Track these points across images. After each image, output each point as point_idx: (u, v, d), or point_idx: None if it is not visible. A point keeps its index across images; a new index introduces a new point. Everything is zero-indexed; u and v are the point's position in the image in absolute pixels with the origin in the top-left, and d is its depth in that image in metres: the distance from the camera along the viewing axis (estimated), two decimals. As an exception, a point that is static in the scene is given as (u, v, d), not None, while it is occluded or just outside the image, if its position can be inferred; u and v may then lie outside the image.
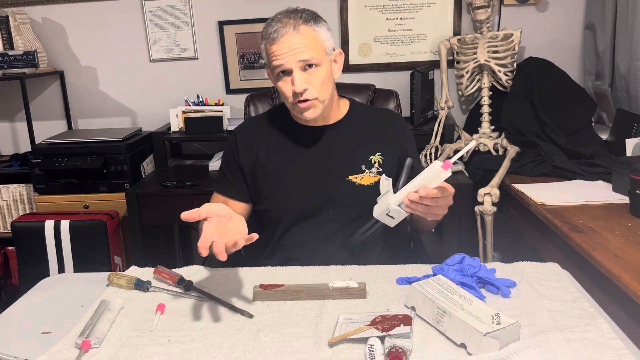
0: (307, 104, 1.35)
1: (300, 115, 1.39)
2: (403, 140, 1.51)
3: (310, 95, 1.34)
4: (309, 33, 1.32)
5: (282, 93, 1.37)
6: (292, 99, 1.35)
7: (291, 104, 1.38)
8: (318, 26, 1.35)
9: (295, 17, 1.32)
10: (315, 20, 1.35)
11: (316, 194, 1.43)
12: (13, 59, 2.56)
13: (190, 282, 1.25)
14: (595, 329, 1.02)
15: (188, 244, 2.99)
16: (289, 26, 1.31)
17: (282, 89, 1.36)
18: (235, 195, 1.49)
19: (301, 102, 1.34)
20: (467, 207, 2.17)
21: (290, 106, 1.39)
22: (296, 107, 1.37)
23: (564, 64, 2.57)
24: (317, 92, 1.35)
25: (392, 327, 0.99)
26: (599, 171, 2.07)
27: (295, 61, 1.31)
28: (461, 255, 1.24)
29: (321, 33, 1.35)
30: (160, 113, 2.81)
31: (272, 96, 2.06)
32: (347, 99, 1.54)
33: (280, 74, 1.34)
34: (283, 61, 1.31)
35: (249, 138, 1.50)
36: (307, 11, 1.36)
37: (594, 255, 1.45)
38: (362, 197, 1.39)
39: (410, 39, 2.72)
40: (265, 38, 1.35)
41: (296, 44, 1.30)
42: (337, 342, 1.00)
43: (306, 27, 1.32)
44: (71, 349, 1.02)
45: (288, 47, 1.31)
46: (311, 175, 1.44)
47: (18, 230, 2.38)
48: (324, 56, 1.35)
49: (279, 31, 1.31)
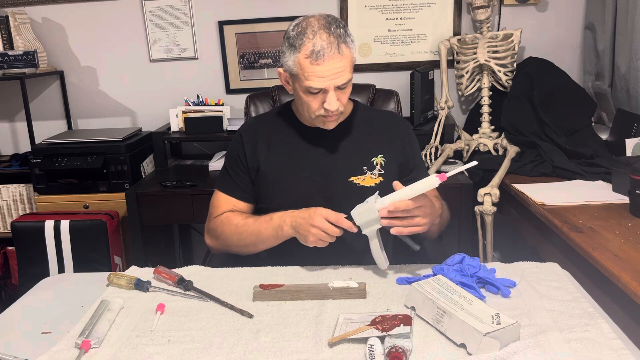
0: (335, 117, 1.37)
1: (321, 125, 1.40)
2: (406, 144, 1.51)
3: (338, 111, 1.35)
4: (348, 55, 1.30)
5: (308, 106, 1.36)
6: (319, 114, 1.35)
7: (314, 117, 1.38)
8: (351, 42, 1.33)
9: (335, 34, 1.28)
10: (348, 35, 1.32)
11: (317, 194, 1.43)
12: (13, 59, 2.56)
13: (190, 282, 1.25)
14: (595, 329, 1.02)
15: (188, 244, 2.98)
16: (332, 47, 1.27)
17: (310, 103, 1.35)
18: (241, 196, 1.50)
19: (329, 116, 1.36)
20: (467, 207, 2.17)
21: (313, 117, 1.38)
22: (319, 119, 1.38)
23: (564, 64, 2.57)
24: (343, 106, 1.37)
25: (392, 327, 0.99)
26: (599, 171, 2.07)
27: (334, 83, 1.30)
28: (461, 255, 1.24)
29: (353, 50, 1.33)
30: (160, 113, 2.81)
31: (273, 96, 2.06)
32: (351, 101, 1.54)
33: (312, 91, 1.32)
34: (325, 84, 1.30)
35: (253, 137, 1.50)
36: (340, 23, 1.32)
37: (594, 255, 1.45)
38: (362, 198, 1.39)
39: (410, 39, 2.72)
40: (300, 49, 1.29)
41: (338, 68, 1.28)
42: (337, 342, 1.00)
43: (345, 47, 1.30)
44: (71, 349, 1.02)
45: (330, 71, 1.28)
46: (313, 175, 1.44)
47: (18, 230, 2.38)
48: (351, 70, 1.35)
49: (324, 52, 1.27)
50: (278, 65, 1.44)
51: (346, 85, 1.33)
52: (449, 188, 2.18)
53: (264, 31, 2.72)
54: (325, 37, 1.28)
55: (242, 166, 1.49)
